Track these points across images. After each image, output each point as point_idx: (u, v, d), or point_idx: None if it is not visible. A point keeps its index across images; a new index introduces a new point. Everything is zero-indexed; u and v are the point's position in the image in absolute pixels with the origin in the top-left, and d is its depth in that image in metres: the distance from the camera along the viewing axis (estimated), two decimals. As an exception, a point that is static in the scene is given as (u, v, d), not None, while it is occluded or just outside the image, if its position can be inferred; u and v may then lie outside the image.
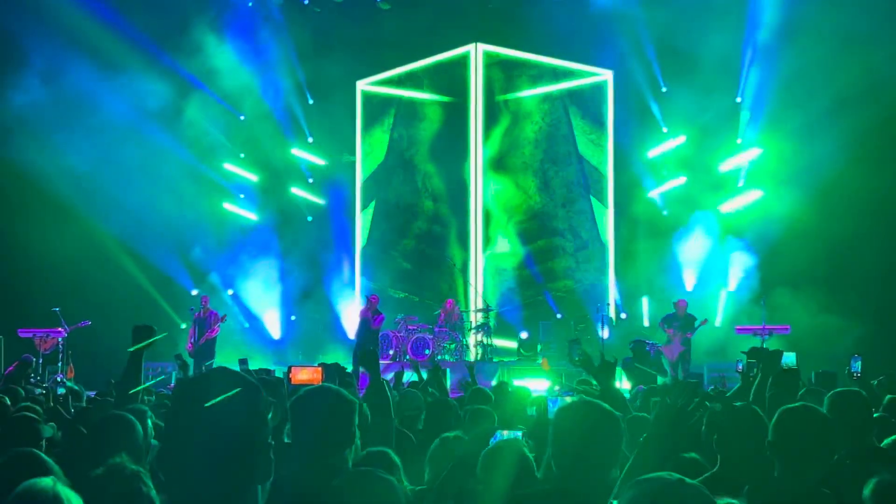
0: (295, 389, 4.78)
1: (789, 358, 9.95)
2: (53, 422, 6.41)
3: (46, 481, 3.83)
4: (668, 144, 21.59)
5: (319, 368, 7.20)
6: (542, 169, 22.94)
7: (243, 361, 9.78)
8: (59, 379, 17.30)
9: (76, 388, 8.97)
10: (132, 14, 19.99)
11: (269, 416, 2.41)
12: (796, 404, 4.05)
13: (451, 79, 23.24)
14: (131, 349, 5.28)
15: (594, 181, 22.76)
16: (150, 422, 4.90)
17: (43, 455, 4.22)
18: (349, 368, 11.15)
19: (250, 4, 21.70)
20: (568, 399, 5.32)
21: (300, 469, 3.45)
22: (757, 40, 20.12)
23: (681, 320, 18.17)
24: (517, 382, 13.55)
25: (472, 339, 20.87)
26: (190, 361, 16.69)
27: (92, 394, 9.95)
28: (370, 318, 18.70)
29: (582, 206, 22.78)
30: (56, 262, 20.21)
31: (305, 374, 6.89)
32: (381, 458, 4.44)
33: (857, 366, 12.60)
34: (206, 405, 2.29)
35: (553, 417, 3.60)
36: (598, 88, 22.83)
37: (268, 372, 10.73)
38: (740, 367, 8.04)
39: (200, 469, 2.28)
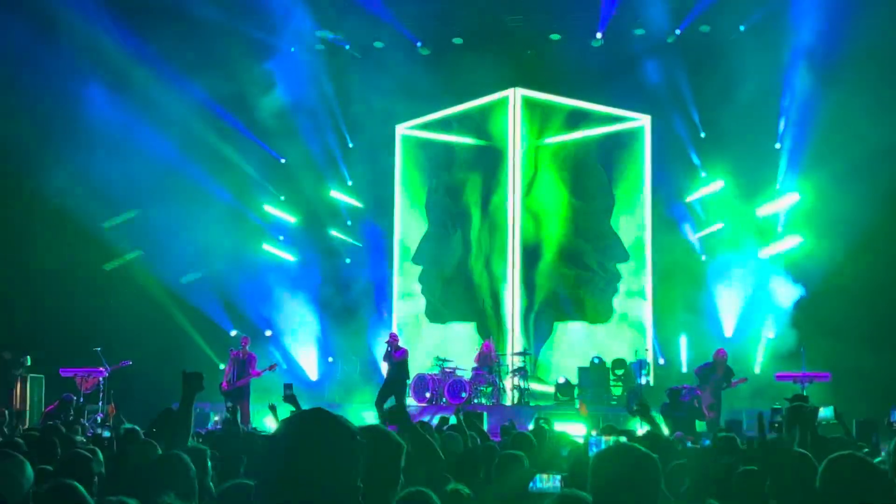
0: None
1: (827, 412, 9.88)
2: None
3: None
4: (706, 189, 21.56)
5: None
6: (577, 213, 22.96)
7: (288, 386, 9.79)
8: (99, 420, 17.51)
9: (129, 426, 9.04)
10: (175, 57, 20.35)
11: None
12: (845, 453, 4.10)
13: (490, 123, 23.40)
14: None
15: (631, 226, 22.75)
16: (209, 462, 4.95)
17: (82, 489, 4.32)
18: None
19: (292, 49, 22.00)
20: (606, 440, 5.35)
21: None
22: (796, 86, 20.11)
23: (719, 372, 17.60)
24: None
25: (508, 383, 20.80)
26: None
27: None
28: (392, 352, 18.36)
29: (618, 248, 22.77)
30: (98, 303, 20.52)
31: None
32: (419, 497, 4.41)
33: (896, 415, 12.42)
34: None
35: (591, 462, 3.64)
36: (636, 133, 22.89)
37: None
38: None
39: None
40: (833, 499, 4.07)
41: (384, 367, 18.17)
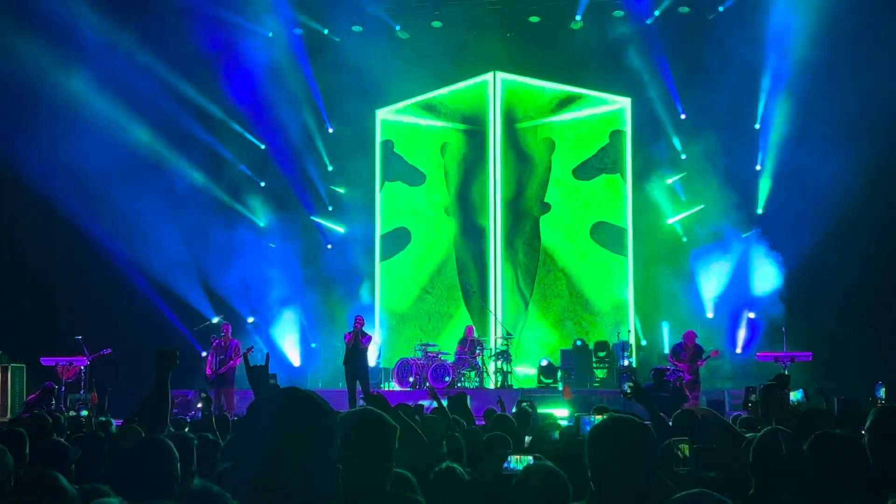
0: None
1: (797, 395, 9.93)
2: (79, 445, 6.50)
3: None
4: (686, 171, 21.58)
5: None
6: (557, 193, 22.99)
7: (272, 377, 9.75)
8: (81, 395, 17.42)
9: (103, 419, 9.02)
10: (152, 42, 20.21)
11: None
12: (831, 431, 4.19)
13: (470, 107, 23.37)
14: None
15: (612, 206, 22.80)
16: (195, 451, 4.91)
17: (61, 478, 4.29)
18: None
19: (270, 35, 21.88)
20: (599, 417, 5.35)
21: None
22: (775, 66, 20.13)
23: (689, 351, 17.82)
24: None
25: (492, 367, 20.82)
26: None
27: (118, 422, 9.99)
28: (359, 339, 18.24)
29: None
30: (79, 291, 20.41)
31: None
32: (399, 479, 4.41)
33: (882, 392, 12.53)
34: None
35: (587, 436, 3.63)
36: (617, 115, 22.89)
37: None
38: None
39: (267, 486, 2.29)
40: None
41: (373, 356, 18.15)
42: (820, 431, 4.36)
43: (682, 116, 21.62)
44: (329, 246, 23.37)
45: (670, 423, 6.64)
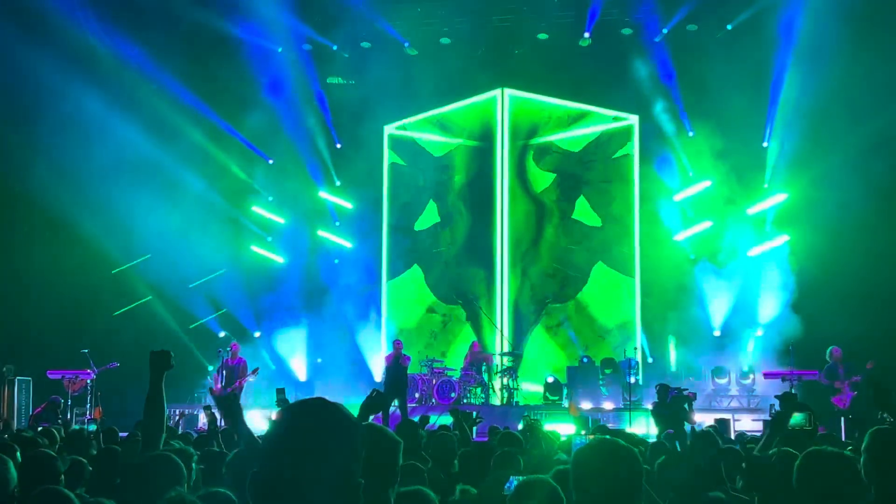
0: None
1: (798, 419, 9.89)
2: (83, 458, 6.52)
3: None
4: (694, 188, 21.56)
5: None
6: (565, 210, 23.00)
7: (280, 391, 9.72)
8: (85, 421, 17.43)
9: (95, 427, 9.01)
10: (161, 57, 20.27)
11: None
12: (821, 448, 4.19)
13: (478, 123, 23.39)
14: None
15: (619, 225, 22.78)
16: (194, 465, 4.89)
17: (70, 495, 4.30)
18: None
19: (280, 50, 21.94)
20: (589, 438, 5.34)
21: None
22: (783, 84, 20.13)
23: (841, 368, 17.05)
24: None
25: (497, 383, 20.77)
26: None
27: (124, 434, 9.99)
28: (400, 360, 18.28)
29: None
30: (85, 305, 20.41)
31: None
32: (417, 497, 4.33)
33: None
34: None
35: (573, 457, 3.61)
36: (624, 132, 22.89)
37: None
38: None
39: (288, 497, 2.27)
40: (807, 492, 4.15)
41: (378, 371, 18.18)
42: (810, 449, 4.35)
43: (690, 134, 21.60)
44: (336, 261, 23.36)
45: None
